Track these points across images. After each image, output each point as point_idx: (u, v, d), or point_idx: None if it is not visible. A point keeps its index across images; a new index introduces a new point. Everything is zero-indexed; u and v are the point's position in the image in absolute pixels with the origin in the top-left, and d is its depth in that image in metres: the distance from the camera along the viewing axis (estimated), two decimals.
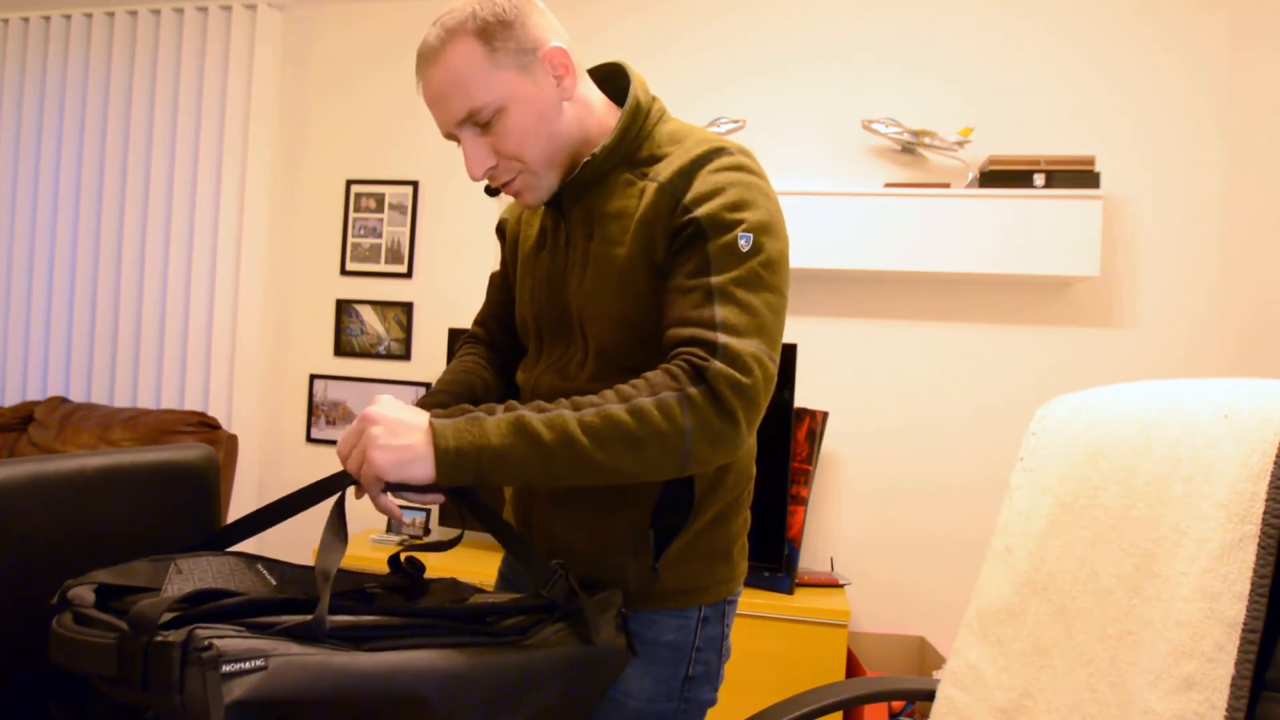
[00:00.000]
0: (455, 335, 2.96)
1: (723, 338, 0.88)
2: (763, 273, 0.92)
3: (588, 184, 1.02)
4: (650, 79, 3.04)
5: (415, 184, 3.19)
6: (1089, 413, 1.08)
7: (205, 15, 3.24)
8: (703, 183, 0.93)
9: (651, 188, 0.96)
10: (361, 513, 3.22)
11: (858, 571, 2.83)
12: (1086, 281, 2.68)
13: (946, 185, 2.71)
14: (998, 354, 2.78)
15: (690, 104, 2.94)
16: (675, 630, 1.03)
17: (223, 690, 0.65)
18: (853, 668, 2.52)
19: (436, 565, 2.74)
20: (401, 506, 0.95)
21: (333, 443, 3.26)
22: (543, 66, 0.96)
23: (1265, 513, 0.72)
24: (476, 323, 1.30)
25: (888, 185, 2.73)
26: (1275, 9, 2.46)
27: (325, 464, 3.29)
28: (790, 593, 2.54)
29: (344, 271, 3.26)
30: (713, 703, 1.09)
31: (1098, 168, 2.59)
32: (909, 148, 2.78)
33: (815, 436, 2.60)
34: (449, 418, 0.88)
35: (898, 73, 2.84)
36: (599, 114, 1.04)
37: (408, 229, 3.19)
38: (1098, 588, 0.91)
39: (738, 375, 0.87)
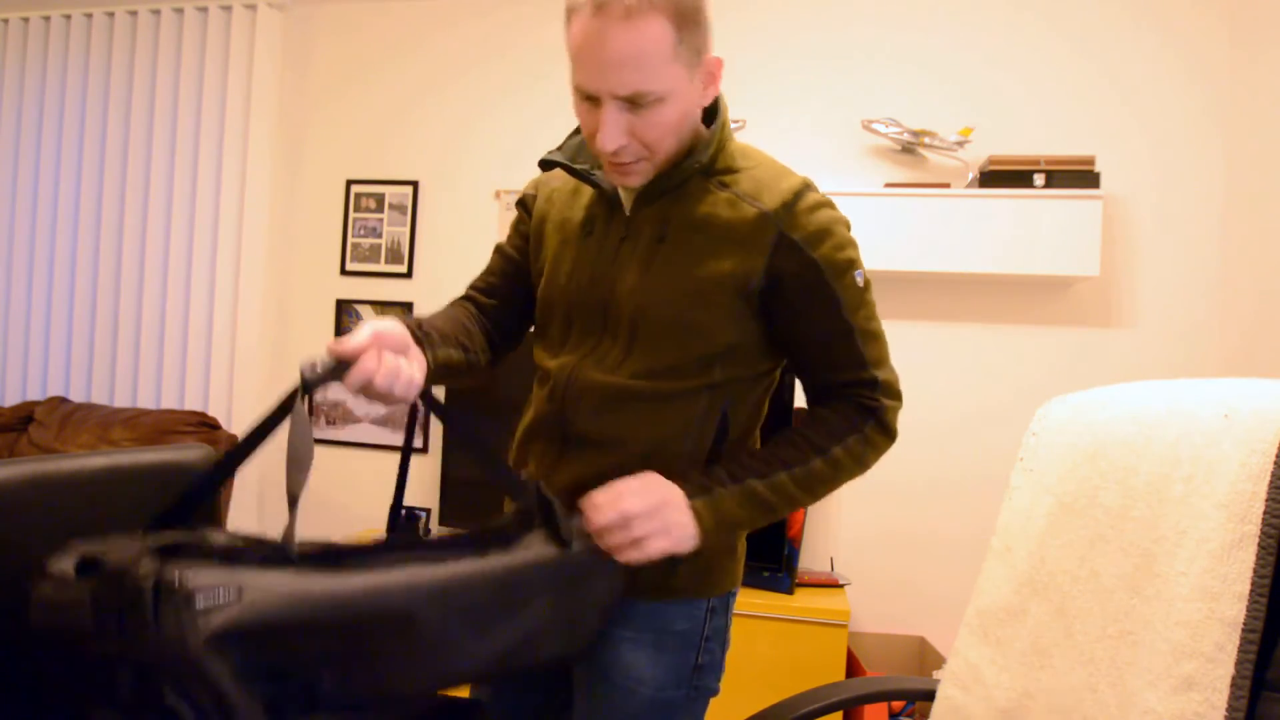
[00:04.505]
0: None
1: (879, 374, 1.04)
2: (872, 300, 1.06)
3: (666, 188, 1.04)
4: None
5: (415, 184, 3.19)
6: (1089, 413, 1.08)
7: (205, 15, 3.24)
8: (808, 222, 1.00)
9: (750, 211, 1.00)
10: (361, 514, 3.22)
11: (858, 571, 2.82)
12: (1086, 281, 2.68)
13: (946, 185, 2.71)
14: (998, 354, 2.78)
15: None
16: (686, 619, 1.06)
17: (200, 625, 0.64)
18: (853, 668, 2.52)
19: None
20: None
21: (334, 443, 3.27)
22: (702, 70, 0.98)
23: (1265, 513, 0.72)
24: (473, 287, 1.27)
25: (888, 185, 2.73)
26: (1275, 9, 2.46)
27: (325, 464, 3.29)
28: (790, 593, 2.54)
29: (344, 271, 3.26)
30: (715, 692, 1.12)
31: (1098, 168, 2.59)
32: (909, 148, 2.78)
33: None
34: (692, 489, 0.98)
35: (898, 73, 2.84)
36: (698, 121, 1.05)
37: (408, 229, 3.19)
38: (1098, 587, 0.91)
39: (895, 403, 1.05)
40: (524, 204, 1.23)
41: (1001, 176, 2.61)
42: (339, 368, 0.86)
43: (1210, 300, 2.65)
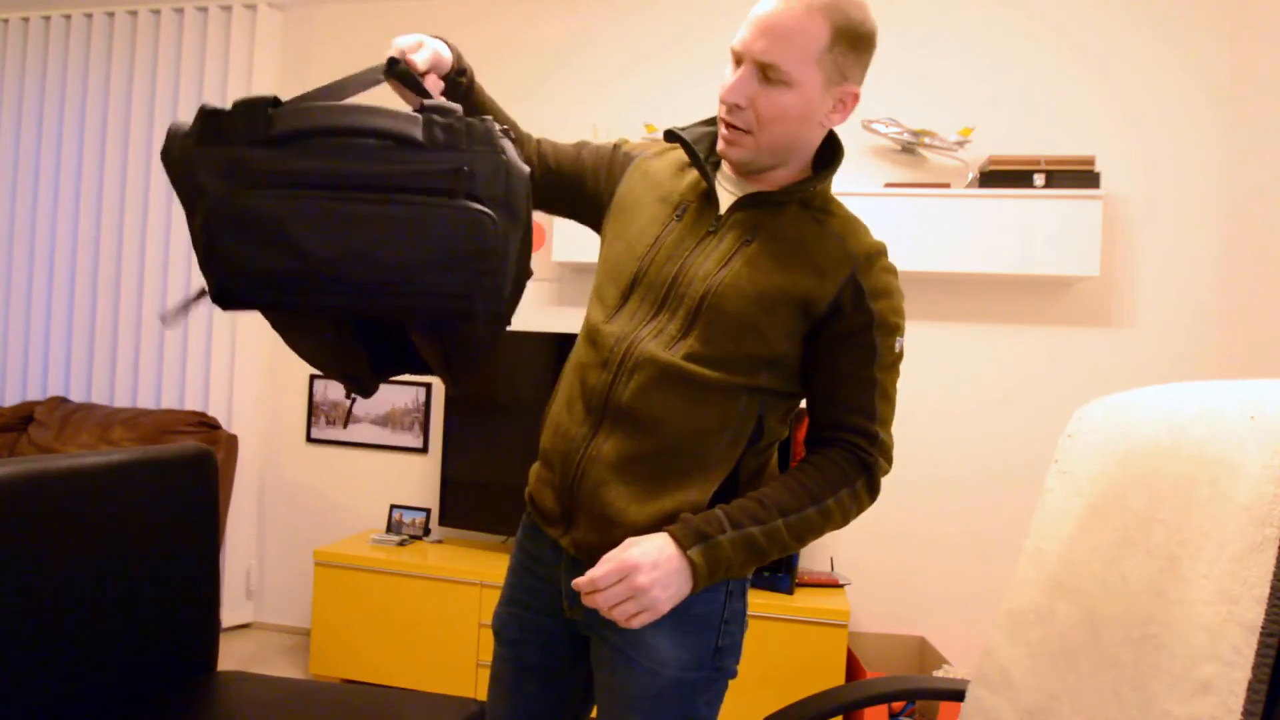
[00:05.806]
0: None
1: (881, 433, 1.10)
2: (899, 370, 1.14)
3: (767, 202, 1.11)
4: (651, 81, 3.04)
5: None
6: (1121, 415, 1.09)
7: (205, 15, 3.24)
8: (879, 279, 1.10)
9: (836, 246, 1.10)
10: (362, 512, 3.22)
11: (858, 571, 2.83)
12: (1086, 281, 2.69)
13: (946, 185, 2.71)
14: (997, 354, 2.79)
15: (692, 105, 2.94)
16: (704, 603, 1.10)
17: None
18: (853, 668, 2.53)
19: (435, 566, 2.74)
20: None
21: (334, 443, 3.27)
22: (838, 93, 1.09)
23: None
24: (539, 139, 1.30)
25: (888, 185, 2.73)
26: (1275, 9, 2.47)
27: (325, 464, 3.28)
28: (790, 593, 2.55)
29: None
30: (734, 675, 1.16)
31: (1098, 168, 2.60)
32: (909, 148, 2.79)
33: None
34: (689, 537, 1.01)
35: (898, 73, 2.84)
36: (813, 150, 1.15)
37: None
38: (1124, 590, 0.91)
39: (886, 465, 1.11)
40: (623, 153, 1.27)
41: (1001, 176, 2.61)
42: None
43: (1210, 300, 2.66)
